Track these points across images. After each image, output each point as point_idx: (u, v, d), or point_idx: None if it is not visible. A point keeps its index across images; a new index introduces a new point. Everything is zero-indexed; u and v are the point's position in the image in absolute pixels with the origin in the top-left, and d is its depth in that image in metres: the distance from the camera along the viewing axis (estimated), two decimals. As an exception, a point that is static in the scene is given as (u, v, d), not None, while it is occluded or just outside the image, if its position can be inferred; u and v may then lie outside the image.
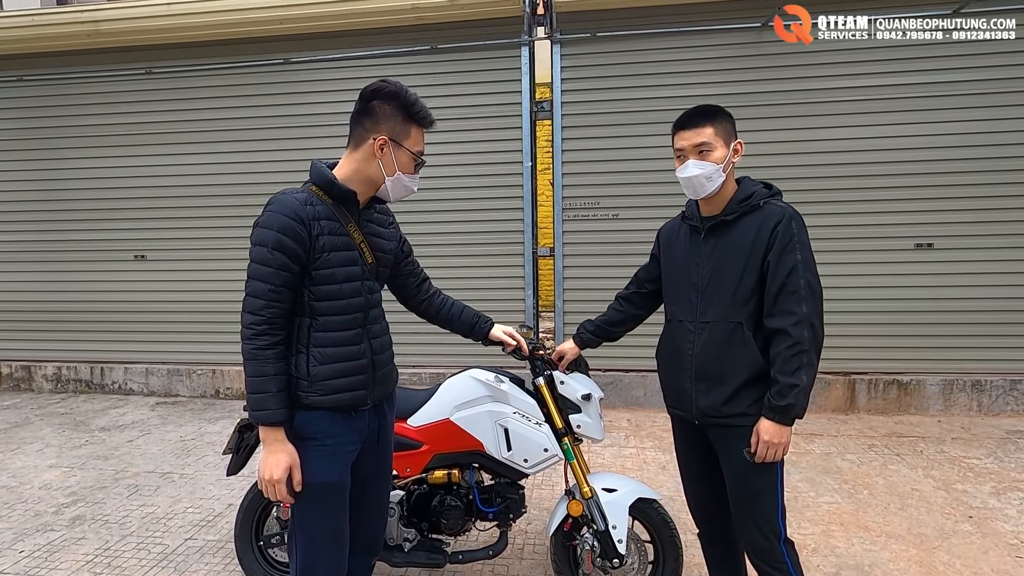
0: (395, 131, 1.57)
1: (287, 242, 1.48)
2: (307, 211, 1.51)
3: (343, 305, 1.58)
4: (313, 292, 1.54)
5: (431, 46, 5.01)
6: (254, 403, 1.49)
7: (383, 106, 1.56)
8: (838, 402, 4.71)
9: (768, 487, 1.71)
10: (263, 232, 1.49)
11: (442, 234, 5.03)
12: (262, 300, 1.48)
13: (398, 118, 1.57)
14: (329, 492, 1.59)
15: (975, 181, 4.55)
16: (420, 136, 1.63)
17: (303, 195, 1.54)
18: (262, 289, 1.48)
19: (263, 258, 1.48)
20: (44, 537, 2.91)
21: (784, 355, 1.60)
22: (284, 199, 1.52)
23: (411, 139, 1.60)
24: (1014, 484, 3.34)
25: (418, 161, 1.65)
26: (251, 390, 1.50)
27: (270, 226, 1.49)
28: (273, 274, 1.48)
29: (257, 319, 1.49)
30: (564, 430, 2.09)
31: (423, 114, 1.60)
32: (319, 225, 1.52)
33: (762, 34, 4.66)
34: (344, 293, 1.58)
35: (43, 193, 5.67)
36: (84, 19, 5.12)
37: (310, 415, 1.57)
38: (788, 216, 1.66)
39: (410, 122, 1.58)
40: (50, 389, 5.72)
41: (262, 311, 1.48)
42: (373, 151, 1.57)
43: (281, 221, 1.48)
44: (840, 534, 2.82)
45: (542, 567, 2.56)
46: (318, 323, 1.56)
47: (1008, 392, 4.54)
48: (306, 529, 1.61)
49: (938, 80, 4.53)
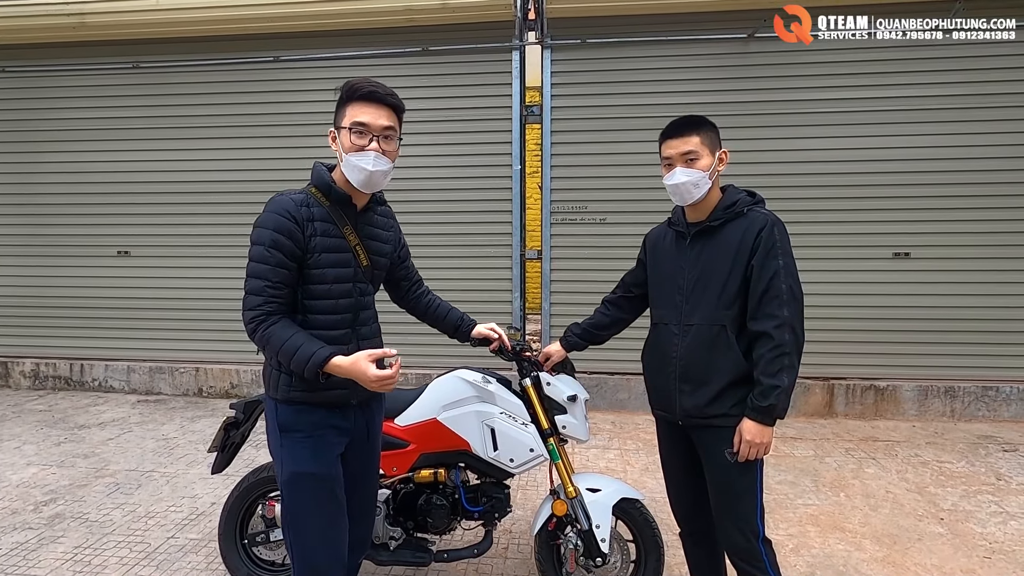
0: (337, 119, 1.62)
1: (282, 240, 1.52)
2: (302, 212, 1.55)
3: (332, 305, 1.61)
4: (303, 291, 1.58)
5: (422, 48, 5.03)
6: (301, 364, 1.47)
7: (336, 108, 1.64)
8: (817, 407, 4.80)
9: (748, 488, 1.76)
10: (260, 231, 1.53)
11: (430, 235, 5.04)
12: (260, 296, 1.52)
13: (338, 108, 1.62)
14: (317, 483, 1.61)
15: (950, 192, 4.68)
16: (358, 108, 1.57)
17: (300, 196, 1.58)
18: (259, 286, 1.52)
19: (260, 256, 1.52)
20: (22, 535, 2.87)
21: (767, 357, 1.65)
22: (281, 200, 1.56)
23: (346, 116, 1.58)
24: (984, 488, 3.44)
25: (362, 133, 1.55)
26: (289, 359, 1.49)
27: (266, 225, 1.53)
28: (270, 271, 1.51)
29: (256, 312, 1.52)
30: (550, 431, 2.12)
31: (350, 88, 1.59)
32: (312, 226, 1.56)
33: (748, 45, 4.75)
34: (334, 293, 1.61)
35: (25, 187, 5.58)
36: (70, 11, 5.04)
37: (295, 408, 1.61)
38: (771, 223, 1.71)
39: (345, 104, 1.60)
40: (28, 386, 5.62)
41: (261, 306, 1.52)
42: (333, 148, 1.64)
43: (276, 220, 1.52)
44: (816, 534, 2.89)
45: (526, 566, 2.59)
46: (307, 321, 1.59)
47: (980, 398, 4.68)
48: (298, 521, 1.63)
49: (913, 94, 4.66)
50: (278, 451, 1.63)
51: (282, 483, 1.64)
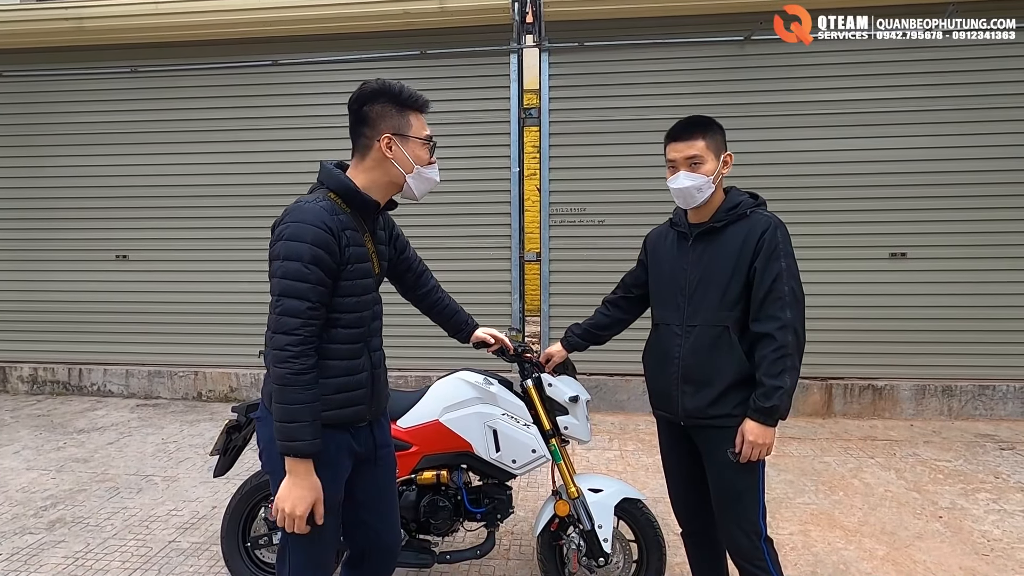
0: (396, 125, 1.51)
1: (322, 255, 1.38)
2: (334, 221, 1.42)
3: (357, 319, 1.51)
4: (332, 305, 1.45)
5: (421, 51, 5.04)
6: (285, 433, 1.36)
7: (374, 107, 1.50)
8: (816, 407, 4.82)
9: (750, 487, 1.76)
10: (295, 245, 1.37)
11: (430, 237, 5.04)
12: (299, 319, 1.36)
13: (393, 111, 1.50)
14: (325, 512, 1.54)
15: (947, 193, 4.71)
16: (421, 121, 1.55)
17: (327, 203, 1.45)
18: (299, 307, 1.36)
19: (298, 274, 1.36)
20: (23, 540, 2.86)
21: (769, 358, 1.66)
22: (311, 208, 1.41)
23: (414, 127, 1.53)
24: (982, 486, 3.46)
25: (430, 145, 1.57)
26: (283, 418, 1.37)
27: (302, 238, 1.37)
28: (310, 290, 1.37)
29: (294, 339, 1.36)
30: (551, 431, 2.13)
31: (414, 98, 1.53)
32: (346, 236, 1.44)
33: (744, 47, 4.78)
34: (361, 306, 1.52)
35: (24, 191, 5.56)
36: (68, 15, 5.05)
37: None
38: (774, 225, 1.73)
39: (406, 110, 1.52)
40: (26, 391, 5.60)
41: (299, 330, 1.36)
42: (383, 153, 1.50)
43: (313, 233, 1.37)
44: (817, 533, 2.91)
45: (529, 567, 2.59)
46: (328, 335, 1.47)
47: (977, 397, 4.70)
48: (300, 549, 1.56)
49: (912, 95, 4.69)
50: (280, 474, 1.50)
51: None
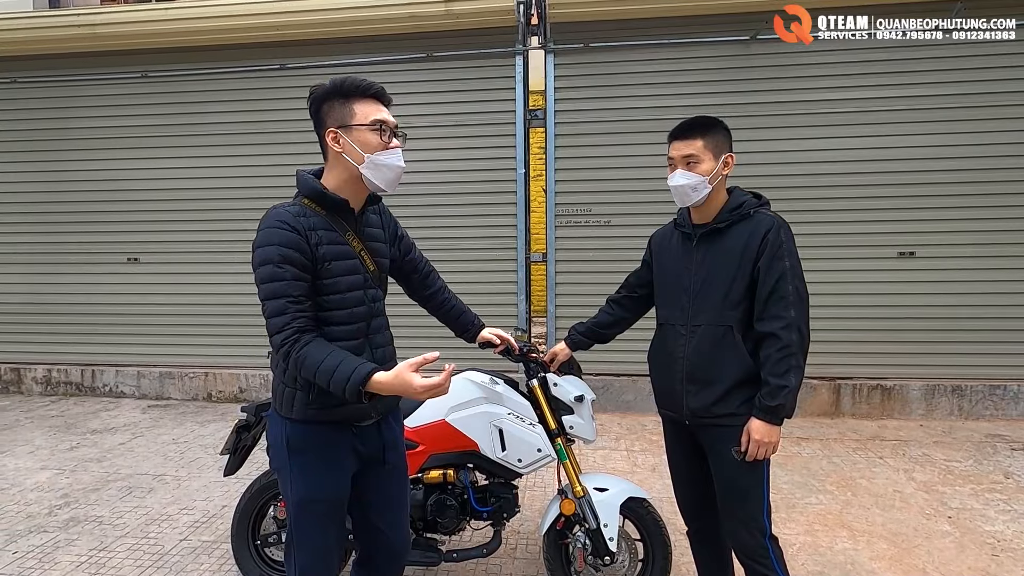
0: (339, 117, 1.50)
1: (291, 253, 1.43)
2: (301, 222, 1.46)
3: (347, 315, 1.54)
4: (317, 303, 1.49)
5: (427, 54, 5.07)
6: (341, 383, 1.36)
7: (322, 106, 1.53)
8: (824, 406, 4.80)
9: (755, 486, 1.77)
10: (264, 250, 1.43)
11: (436, 239, 5.07)
12: (286, 315, 1.41)
13: (337, 104, 1.51)
14: (328, 507, 1.58)
15: (954, 191, 4.68)
16: (370, 107, 1.52)
17: (295, 208, 1.50)
18: (280, 305, 1.41)
19: (273, 274, 1.42)
20: (38, 538, 2.91)
21: (774, 358, 1.67)
22: (276, 213, 1.47)
23: (358, 114, 1.50)
24: (992, 486, 3.43)
25: (383, 131, 1.52)
26: (327, 379, 1.37)
27: (269, 242, 1.43)
28: (288, 285, 1.42)
29: (287, 333, 1.41)
30: (557, 431, 2.15)
31: (356, 84, 1.50)
32: (316, 235, 1.48)
33: (750, 47, 4.77)
34: (348, 302, 1.54)
35: (36, 195, 5.65)
36: (81, 22, 5.13)
37: (309, 428, 1.55)
38: (777, 225, 1.73)
39: (349, 100, 1.50)
40: (40, 392, 5.68)
41: (289, 325, 1.41)
42: (334, 150, 1.51)
43: (279, 235, 1.43)
44: (824, 534, 2.90)
45: (535, 565, 2.61)
46: (321, 333, 1.49)
47: (987, 397, 4.66)
48: (305, 543, 1.60)
49: (913, 94, 4.66)
50: (286, 471, 1.58)
51: (291, 503, 1.58)
